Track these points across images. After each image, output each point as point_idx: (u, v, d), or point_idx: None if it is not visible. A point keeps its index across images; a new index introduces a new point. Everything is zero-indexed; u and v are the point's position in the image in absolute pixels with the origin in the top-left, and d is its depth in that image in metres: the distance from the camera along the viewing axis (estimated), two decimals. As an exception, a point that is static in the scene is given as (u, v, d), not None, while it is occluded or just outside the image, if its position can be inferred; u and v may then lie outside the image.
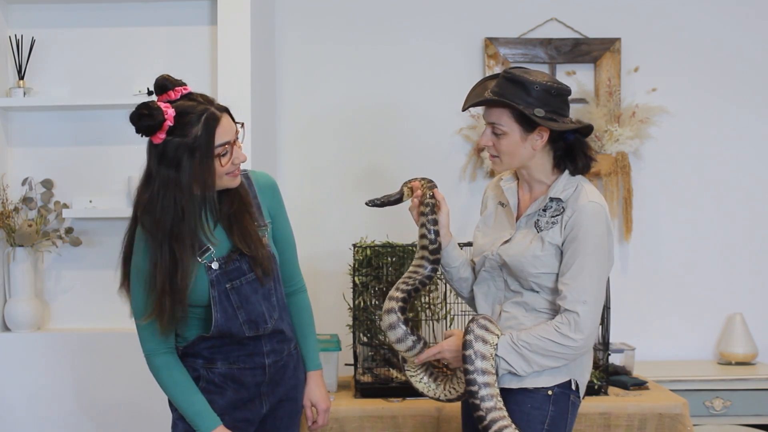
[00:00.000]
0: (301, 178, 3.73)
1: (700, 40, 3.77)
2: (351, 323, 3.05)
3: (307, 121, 3.77)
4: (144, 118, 2.01)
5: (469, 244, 2.71)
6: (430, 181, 2.29)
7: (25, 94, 3.38)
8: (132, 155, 3.45)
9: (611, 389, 3.05)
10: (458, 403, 2.45)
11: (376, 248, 3.05)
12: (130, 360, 3.28)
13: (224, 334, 2.16)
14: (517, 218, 2.25)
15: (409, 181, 2.32)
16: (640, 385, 3.07)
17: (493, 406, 2.07)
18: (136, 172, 3.41)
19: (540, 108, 2.12)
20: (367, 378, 3.02)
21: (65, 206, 3.41)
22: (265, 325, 2.19)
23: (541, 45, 3.72)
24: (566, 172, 2.22)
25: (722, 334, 3.73)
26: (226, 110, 2.10)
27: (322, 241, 3.70)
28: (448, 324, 3.08)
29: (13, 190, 3.43)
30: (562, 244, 2.15)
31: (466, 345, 2.10)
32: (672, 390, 3.16)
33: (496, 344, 2.12)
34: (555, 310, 2.17)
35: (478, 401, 2.07)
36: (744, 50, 3.78)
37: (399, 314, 2.19)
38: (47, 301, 3.46)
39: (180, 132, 2.01)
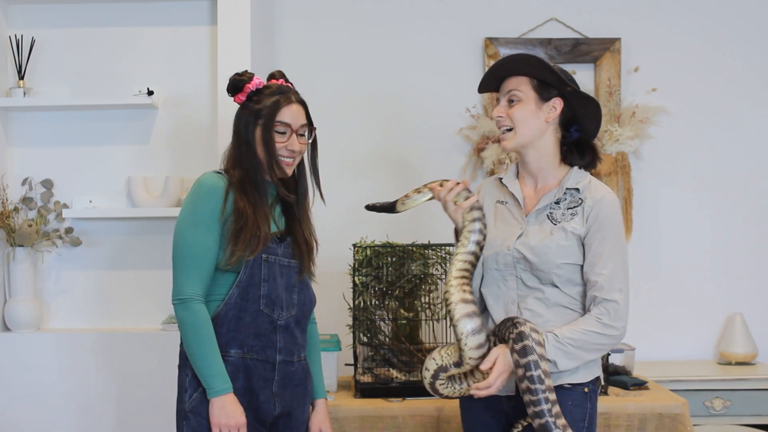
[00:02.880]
0: (301, 178, 3.73)
1: (700, 40, 3.77)
2: (351, 323, 3.05)
3: (307, 121, 3.77)
4: (236, 75, 2.33)
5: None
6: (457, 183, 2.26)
7: (25, 94, 3.38)
8: (132, 155, 3.46)
9: (611, 389, 3.05)
10: (457, 402, 2.45)
11: (376, 248, 3.05)
12: (131, 360, 3.28)
13: (243, 298, 2.20)
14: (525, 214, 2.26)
15: (426, 185, 2.30)
16: (640, 385, 3.07)
17: (559, 412, 2.05)
18: (136, 172, 3.42)
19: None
20: (367, 378, 3.02)
21: (65, 206, 3.42)
22: (281, 311, 2.25)
23: (541, 45, 3.72)
24: (575, 167, 2.27)
25: (722, 334, 3.73)
26: (303, 103, 2.35)
27: (322, 241, 3.67)
28: (449, 324, 3.07)
29: (13, 190, 3.43)
30: (585, 235, 2.17)
31: (527, 351, 2.05)
32: (672, 390, 3.16)
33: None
34: (577, 304, 2.20)
35: (546, 408, 2.03)
36: (744, 50, 3.78)
37: (481, 318, 2.14)
38: (47, 301, 3.46)
39: (255, 100, 2.30)
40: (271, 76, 2.37)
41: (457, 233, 2.25)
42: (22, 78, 3.40)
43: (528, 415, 2.08)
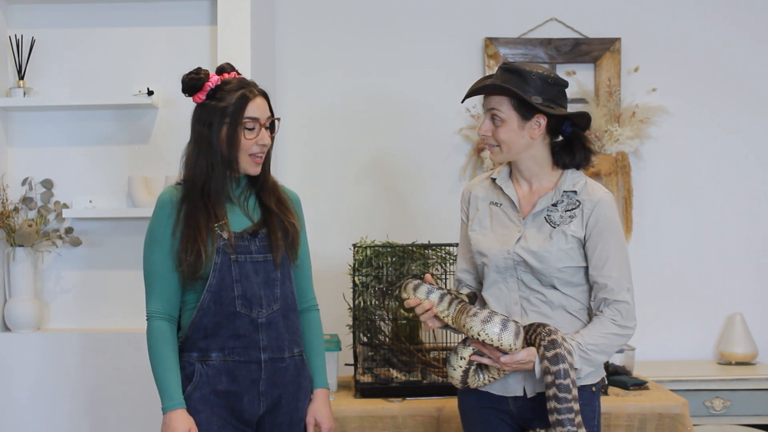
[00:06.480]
0: (300, 178, 3.73)
1: (700, 40, 3.77)
2: (351, 323, 3.05)
3: (306, 121, 3.77)
4: (191, 75, 2.24)
5: (456, 245, 2.70)
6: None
7: (25, 94, 3.38)
8: (132, 155, 3.46)
9: (611, 389, 3.05)
10: (456, 402, 2.44)
11: (376, 248, 3.05)
12: (130, 360, 3.28)
13: (216, 302, 2.19)
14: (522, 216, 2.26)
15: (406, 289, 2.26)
16: (640, 385, 3.07)
17: (580, 422, 2.08)
18: (136, 172, 3.42)
19: (537, 96, 2.16)
20: (367, 378, 3.02)
21: (65, 206, 3.42)
22: (260, 309, 2.22)
23: (541, 45, 3.72)
24: (569, 169, 2.25)
25: (722, 334, 3.73)
26: (265, 95, 2.27)
27: (322, 241, 3.69)
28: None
29: (13, 190, 3.43)
30: (585, 237, 2.19)
31: (558, 359, 2.07)
32: (672, 390, 3.16)
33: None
34: (577, 305, 2.21)
35: (569, 417, 2.05)
36: (743, 50, 3.78)
37: (509, 318, 2.14)
38: (47, 301, 3.46)
39: (218, 97, 2.21)
40: (222, 70, 2.29)
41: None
42: (22, 78, 3.40)
43: (550, 423, 2.09)
